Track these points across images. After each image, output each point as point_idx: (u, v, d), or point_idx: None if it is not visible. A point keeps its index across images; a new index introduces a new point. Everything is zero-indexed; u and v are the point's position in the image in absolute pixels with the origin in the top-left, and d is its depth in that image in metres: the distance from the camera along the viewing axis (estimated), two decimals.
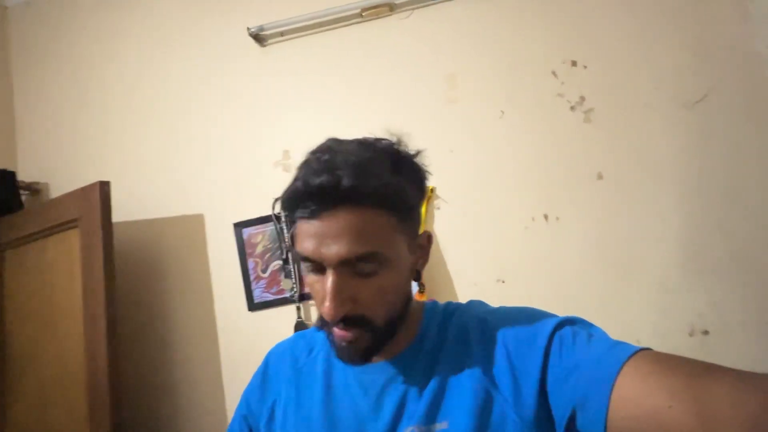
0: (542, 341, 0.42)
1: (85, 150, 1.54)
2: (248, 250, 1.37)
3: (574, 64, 1.27)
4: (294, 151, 1.39)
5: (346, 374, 0.51)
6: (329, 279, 0.42)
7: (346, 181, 0.39)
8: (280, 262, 1.34)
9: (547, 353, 0.41)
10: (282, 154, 1.40)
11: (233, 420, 0.60)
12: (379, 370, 0.49)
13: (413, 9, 1.36)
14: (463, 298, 1.22)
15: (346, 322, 0.43)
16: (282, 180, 1.39)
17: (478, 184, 1.29)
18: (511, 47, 1.31)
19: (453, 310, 0.53)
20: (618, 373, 0.35)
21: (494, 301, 1.21)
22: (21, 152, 1.59)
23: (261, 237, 1.37)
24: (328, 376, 0.52)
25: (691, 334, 1.13)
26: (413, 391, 0.46)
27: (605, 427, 0.34)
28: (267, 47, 1.44)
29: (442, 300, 0.58)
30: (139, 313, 1.41)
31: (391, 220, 0.43)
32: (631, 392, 0.34)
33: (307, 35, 1.42)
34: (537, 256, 1.23)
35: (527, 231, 1.25)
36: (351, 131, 1.35)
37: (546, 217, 1.25)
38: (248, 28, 1.38)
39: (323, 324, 0.46)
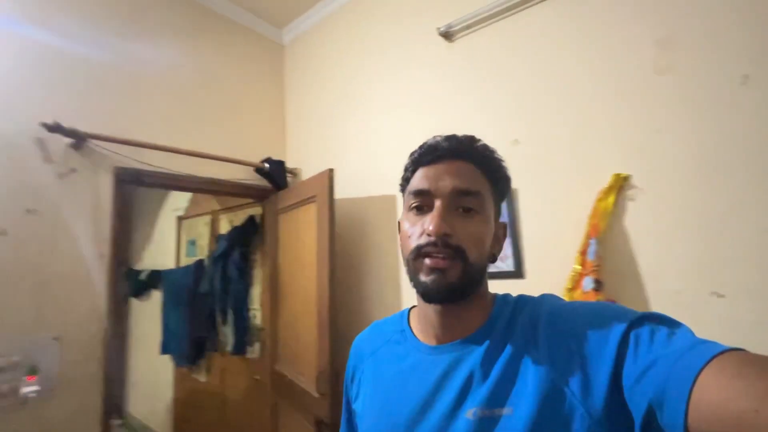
0: (616, 337, 0.40)
1: (323, 144, 2.09)
2: None
3: None
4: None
5: (416, 355, 0.55)
6: (438, 205, 0.50)
7: (465, 143, 0.54)
8: None
9: (622, 350, 0.39)
10: None
11: (343, 407, 0.68)
12: (447, 350, 0.52)
13: None
14: (657, 308, 1.05)
15: (445, 247, 0.48)
16: None
17: (695, 171, 1.04)
18: None
19: (525, 302, 0.53)
20: (700, 371, 0.32)
21: (707, 319, 1.00)
22: (289, 147, 2.30)
23: None
24: (401, 358, 0.56)
25: None
26: (479, 374, 0.47)
27: (684, 426, 0.32)
28: (454, 42, 1.55)
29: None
30: (348, 265, 1.85)
31: (488, 183, 0.53)
32: (714, 393, 0.31)
33: (493, 23, 1.45)
34: None
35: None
36: (539, 115, 1.34)
37: None
38: (438, 28, 1.52)
39: (417, 256, 0.50)
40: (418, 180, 0.53)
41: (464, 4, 1.49)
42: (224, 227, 2.71)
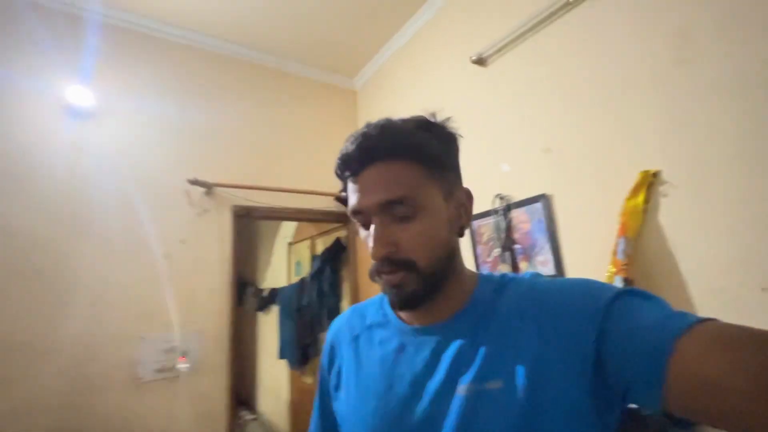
0: (600, 310, 0.41)
1: None
2: (477, 239, 1.69)
3: None
4: (512, 154, 1.57)
5: (402, 337, 0.54)
6: (373, 226, 0.48)
7: (375, 141, 0.48)
8: (499, 250, 1.57)
9: (605, 321, 0.40)
10: (504, 157, 1.61)
11: (315, 397, 0.67)
12: (434, 330, 0.51)
13: None
14: (701, 307, 1.01)
15: (393, 264, 0.47)
16: (503, 179, 1.73)
17: (731, 160, 0.98)
18: None
19: (509, 279, 0.53)
20: (676, 340, 0.34)
21: (756, 316, 0.95)
22: None
23: (486, 228, 1.65)
24: (385, 342, 0.55)
25: None
26: (467, 351, 0.47)
27: (661, 394, 0.34)
28: (487, 66, 1.69)
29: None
30: None
31: (419, 169, 0.48)
32: (690, 361, 0.33)
33: (518, 45, 1.55)
34: None
35: None
36: (566, 123, 1.40)
37: None
38: (470, 57, 1.69)
39: (376, 273, 0.49)
40: (350, 197, 0.51)
41: (490, 32, 1.63)
42: (320, 249, 3.18)
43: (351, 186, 0.50)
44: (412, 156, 0.49)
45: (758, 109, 0.94)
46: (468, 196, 0.55)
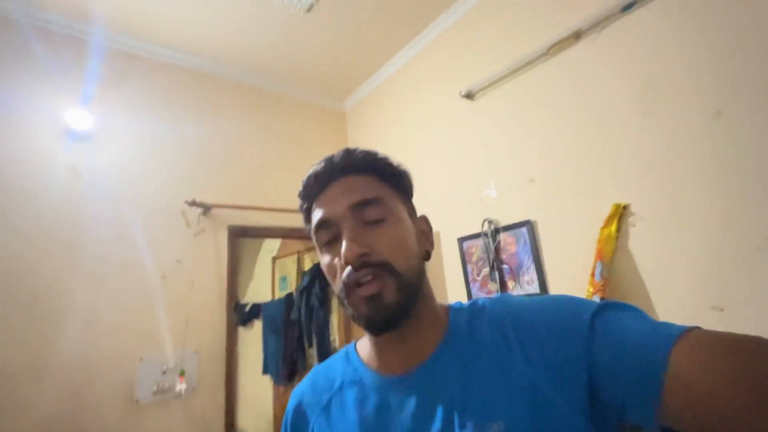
0: (584, 327, 0.40)
1: None
2: (467, 258, 1.82)
3: None
4: (498, 182, 1.72)
5: (380, 393, 0.48)
6: (345, 230, 0.46)
7: (340, 159, 0.51)
8: (488, 269, 1.71)
9: (592, 342, 0.39)
10: (491, 184, 1.76)
11: None
12: (415, 377, 0.47)
13: (601, 29, 1.38)
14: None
15: (369, 268, 0.44)
16: (491, 205, 1.85)
17: (688, 196, 1.16)
18: (736, 26, 1.10)
19: (482, 305, 0.50)
20: (668, 355, 0.33)
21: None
22: None
23: (475, 248, 1.79)
24: (361, 402, 0.49)
25: None
26: (459, 395, 0.43)
27: (659, 411, 0.33)
28: (475, 101, 1.85)
29: None
30: None
31: (383, 184, 0.51)
32: (684, 373, 0.32)
33: (505, 83, 1.72)
34: None
35: (760, 252, 1.02)
36: (549, 156, 1.55)
37: None
38: (460, 92, 1.84)
39: (348, 291, 0.45)
40: (315, 214, 0.50)
41: (478, 70, 1.80)
42: (307, 264, 3.23)
43: (317, 202, 0.51)
44: (375, 172, 0.52)
45: (710, 155, 1.13)
46: (428, 224, 0.57)
